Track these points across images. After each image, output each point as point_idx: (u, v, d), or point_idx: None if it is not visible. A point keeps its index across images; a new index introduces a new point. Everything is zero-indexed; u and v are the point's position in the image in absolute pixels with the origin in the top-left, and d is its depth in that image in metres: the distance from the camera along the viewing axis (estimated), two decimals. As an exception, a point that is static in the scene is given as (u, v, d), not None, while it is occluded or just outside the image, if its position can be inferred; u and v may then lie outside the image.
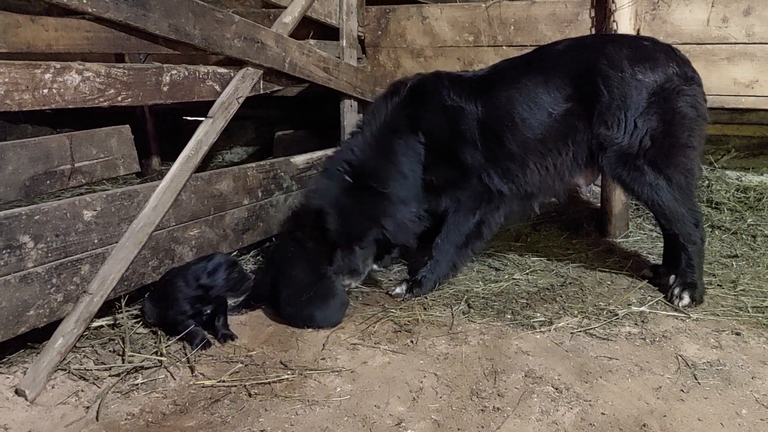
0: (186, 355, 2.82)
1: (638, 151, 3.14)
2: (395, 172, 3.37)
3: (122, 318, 2.99)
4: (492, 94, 3.33)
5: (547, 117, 3.24)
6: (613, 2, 3.93)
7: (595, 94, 3.15)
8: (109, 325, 3.00)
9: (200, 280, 2.95)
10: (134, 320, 3.06)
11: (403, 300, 3.39)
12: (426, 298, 3.40)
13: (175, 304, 2.93)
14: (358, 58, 4.68)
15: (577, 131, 3.24)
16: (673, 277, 3.33)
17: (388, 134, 3.43)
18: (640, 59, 3.16)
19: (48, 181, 2.64)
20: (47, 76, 2.53)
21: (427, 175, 3.41)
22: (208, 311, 3.01)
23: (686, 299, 3.18)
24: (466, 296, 3.38)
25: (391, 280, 3.73)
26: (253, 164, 3.71)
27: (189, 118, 6.07)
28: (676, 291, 3.22)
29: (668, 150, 3.14)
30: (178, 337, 2.90)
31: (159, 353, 2.81)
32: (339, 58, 4.37)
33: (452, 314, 3.19)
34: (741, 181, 4.68)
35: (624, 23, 3.93)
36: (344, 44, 4.47)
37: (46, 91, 2.53)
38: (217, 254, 3.11)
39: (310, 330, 3.08)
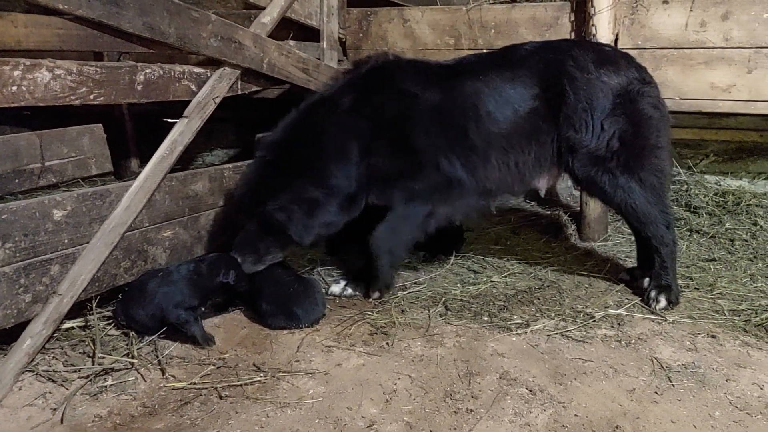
0: (158, 357, 2.78)
1: (607, 154, 3.14)
2: (310, 148, 3.17)
3: (93, 319, 2.94)
4: (457, 84, 3.26)
5: (512, 113, 3.19)
6: (592, 6, 3.94)
7: (562, 95, 3.15)
8: (79, 327, 2.94)
9: (219, 277, 3.02)
10: (106, 322, 3.01)
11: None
12: (403, 300, 3.37)
13: (177, 297, 2.90)
14: (339, 60, 4.66)
15: (542, 131, 3.21)
16: (647, 279, 3.33)
17: (319, 108, 3.29)
18: (604, 62, 3.18)
19: (17, 180, 2.59)
20: (16, 73, 2.47)
21: (372, 159, 3.19)
22: (204, 309, 3.03)
23: (663, 302, 3.18)
24: (443, 298, 3.36)
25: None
26: (230, 165, 3.66)
27: (169, 120, 6.00)
28: (653, 294, 3.22)
29: (639, 152, 3.15)
30: (161, 334, 2.87)
31: (130, 355, 2.77)
32: (319, 59, 4.35)
33: (429, 316, 3.17)
34: (719, 185, 4.72)
35: (603, 27, 3.95)
36: (325, 46, 4.45)
37: (14, 88, 2.46)
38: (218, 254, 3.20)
39: (285, 332, 3.04)
